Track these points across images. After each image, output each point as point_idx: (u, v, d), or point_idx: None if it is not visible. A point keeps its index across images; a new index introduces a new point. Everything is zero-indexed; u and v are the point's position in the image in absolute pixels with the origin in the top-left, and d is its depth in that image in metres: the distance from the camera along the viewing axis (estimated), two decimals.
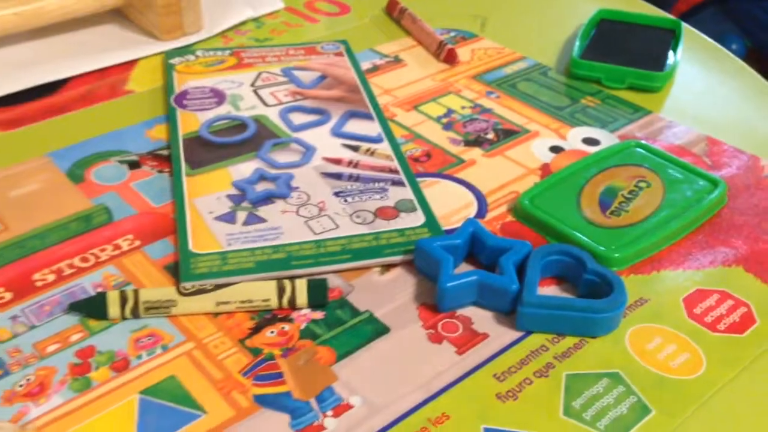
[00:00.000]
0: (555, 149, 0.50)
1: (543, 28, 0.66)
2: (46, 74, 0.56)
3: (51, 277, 0.39)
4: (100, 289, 0.39)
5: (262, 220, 0.43)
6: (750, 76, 0.60)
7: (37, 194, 0.45)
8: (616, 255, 0.40)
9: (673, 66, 0.58)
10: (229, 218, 0.43)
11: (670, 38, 0.62)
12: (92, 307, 0.37)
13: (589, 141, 0.51)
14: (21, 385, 0.34)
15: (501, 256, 0.39)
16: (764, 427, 0.33)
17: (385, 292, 0.39)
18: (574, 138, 0.52)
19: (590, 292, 0.38)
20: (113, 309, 0.37)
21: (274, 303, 0.38)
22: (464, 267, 0.41)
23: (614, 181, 0.46)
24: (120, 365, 0.35)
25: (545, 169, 0.49)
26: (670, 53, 0.60)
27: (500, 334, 0.37)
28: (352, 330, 0.37)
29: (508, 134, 0.52)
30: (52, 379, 0.34)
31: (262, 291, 0.38)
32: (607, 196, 0.45)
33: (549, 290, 0.40)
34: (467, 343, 0.37)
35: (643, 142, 0.49)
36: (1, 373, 0.34)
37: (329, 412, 0.33)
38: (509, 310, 0.38)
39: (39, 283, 0.39)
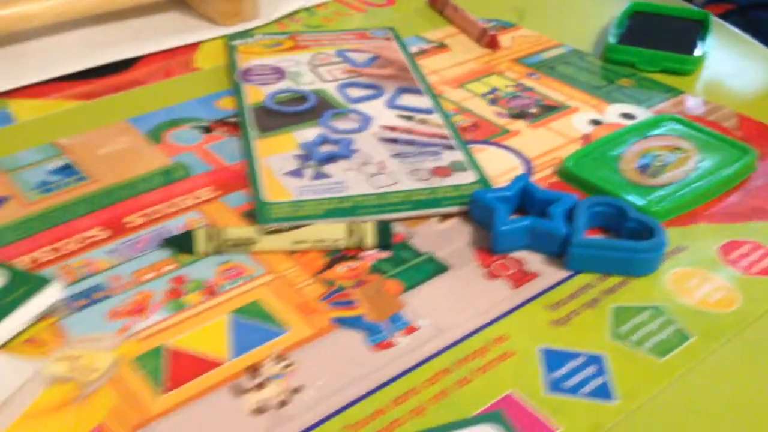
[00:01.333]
0: (594, 122, 0.54)
1: (578, 20, 0.70)
2: (121, 52, 0.61)
3: (140, 221, 0.44)
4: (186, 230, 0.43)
5: (328, 176, 0.47)
6: None
7: (122, 152, 0.50)
8: (655, 209, 0.44)
9: (703, 51, 0.62)
10: (297, 174, 0.47)
11: (699, 28, 0.66)
12: (182, 243, 0.41)
13: (626, 116, 0.55)
14: (122, 306, 0.38)
15: (549, 206, 0.43)
16: None
17: (443, 238, 0.43)
18: (611, 113, 0.55)
19: (632, 239, 0.42)
20: (200, 244, 0.41)
21: (344, 243, 0.42)
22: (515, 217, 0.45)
23: (651, 148, 0.49)
24: (209, 291, 0.39)
25: (586, 139, 0.52)
26: (700, 42, 0.63)
27: (550, 274, 0.41)
28: (415, 267, 0.41)
29: (549, 109, 0.56)
30: (149, 301, 0.38)
31: (333, 232, 0.42)
32: (645, 160, 0.48)
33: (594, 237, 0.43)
34: (520, 280, 0.40)
35: (677, 116, 0.53)
36: (105, 296, 0.39)
37: (400, 332, 0.37)
38: (558, 253, 0.41)
39: (130, 225, 0.43)
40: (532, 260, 0.42)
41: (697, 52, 0.62)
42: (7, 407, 0.32)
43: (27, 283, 0.37)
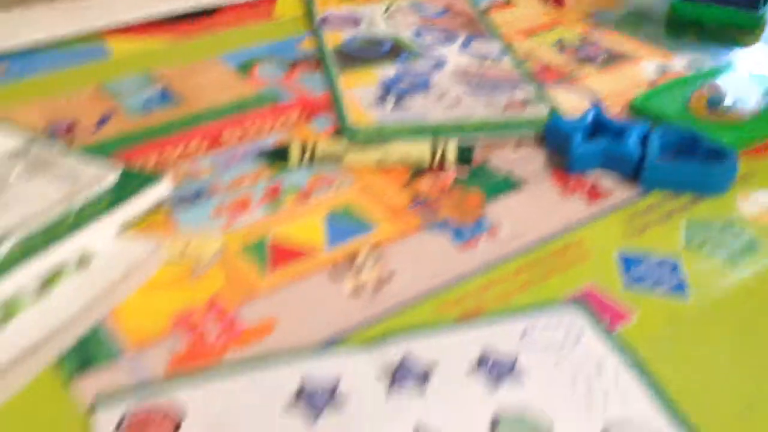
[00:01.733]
0: (661, 70, 0.56)
1: None
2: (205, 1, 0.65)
3: (236, 137, 0.47)
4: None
5: (408, 108, 0.50)
6: None
7: (215, 82, 0.53)
8: (725, 140, 0.46)
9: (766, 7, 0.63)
10: (379, 104, 0.50)
11: None
12: (277, 155, 0.44)
13: (692, 67, 0.57)
14: (225, 205, 0.41)
15: (623, 133, 0.45)
16: None
17: (519, 161, 0.45)
18: (677, 63, 0.57)
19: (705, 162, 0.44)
20: (295, 156, 0.44)
21: (427, 160, 0.44)
22: None
23: (718, 91, 0.51)
24: (304, 194, 0.42)
25: (653, 84, 0.54)
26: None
27: (624, 193, 0.43)
28: (494, 184, 0.43)
29: (616, 57, 0.58)
30: (249, 201, 0.41)
31: (418, 149, 0.44)
32: (713, 100, 0.50)
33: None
34: (595, 197, 0.42)
35: (742, 65, 0.55)
36: (209, 197, 0.42)
37: (483, 235, 0.39)
38: (631, 176, 0.43)
39: (226, 141, 0.47)
40: (608, 180, 0.44)
41: (762, 10, 0.63)
42: (129, 278, 0.35)
43: (138, 179, 0.40)
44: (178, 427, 0.29)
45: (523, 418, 0.29)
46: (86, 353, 0.32)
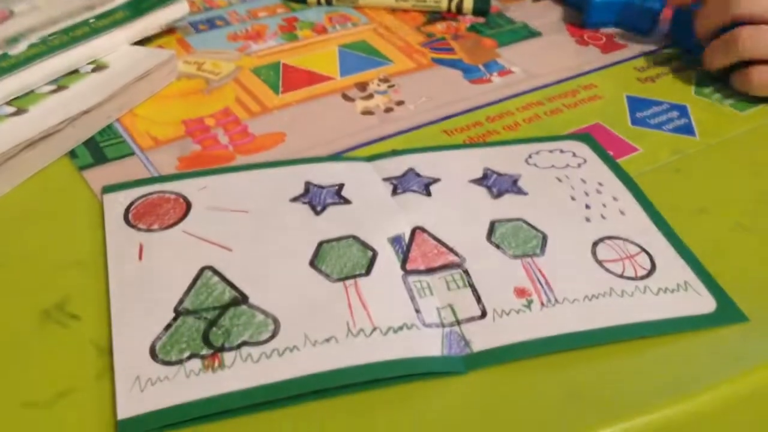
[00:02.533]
0: None
1: None
2: None
3: None
4: None
5: None
6: None
7: None
8: None
9: None
10: None
11: None
12: None
13: None
14: (241, 32, 0.41)
15: None
16: None
17: (537, 12, 0.45)
18: None
19: None
20: None
21: (444, 5, 0.44)
22: None
23: None
24: (319, 29, 0.42)
25: None
26: None
27: (640, 46, 0.43)
28: (510, 31, 0.43)
29: None
30: (265, 31, 0.42)
31: None
32: None
33: None
34: (610, 48, 0.42)
35: None
36: (225, 24, 0.42)
37: (494, 74, 0.40)
38: (648, 30, 0.43)
39: None
40: (623, 35, 0.44)
41: None
42: (144, 82, 0.36)
43: None
44: (189, 207, 0.30)
45: (519, 225, 0.30)
46: (100, 149, 0.33)
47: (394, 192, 0.31)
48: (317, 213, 0.30)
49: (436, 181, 0.32)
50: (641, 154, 0.35)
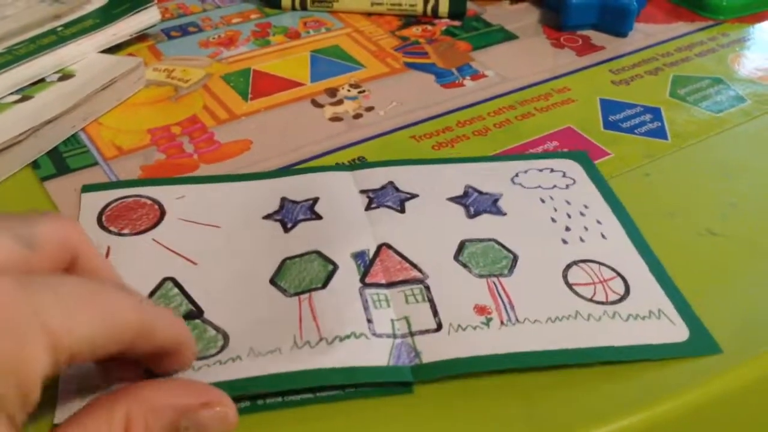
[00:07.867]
0: None
1: None
2: None
3: None
4: None
5: None
6: None
7: None
8: (724, 3, 0.45)
9: None
10: None
11: None
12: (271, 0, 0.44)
13: None
14: (213, 38, 0.41)
15: None
16: None
17: (515, 15, 0.45)
18: None
19: None
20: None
21: (420, 8, 0.44)
22: None
23: None
24: (292, 35, 0.42)
25: None
26: None
27: (616, 47, 0.42)
28: (486, 34, 0.43)
29: None
30: (238, 37, 0.41)
31: None
32: None
33: None
34: (586, 51, 0.42)
35: None
36: (197, 30, 0.42)
37: (467, 78, 0.39)
38: (626, 32, 0.43)
39: None
40: (599, 37, 0.43)
41: None
42: (110, 91, 0.35)
43: (128, 3, 0.40)
44: (163, 215, 0.30)
45: (491, 245, 0.29)
46: (63, 159, 0.33)
47: (369, 206, 0.30)
48: (287, 230, 0.29)
49: (413, 197, 0.31)
50: (612, 158, 0.34)
